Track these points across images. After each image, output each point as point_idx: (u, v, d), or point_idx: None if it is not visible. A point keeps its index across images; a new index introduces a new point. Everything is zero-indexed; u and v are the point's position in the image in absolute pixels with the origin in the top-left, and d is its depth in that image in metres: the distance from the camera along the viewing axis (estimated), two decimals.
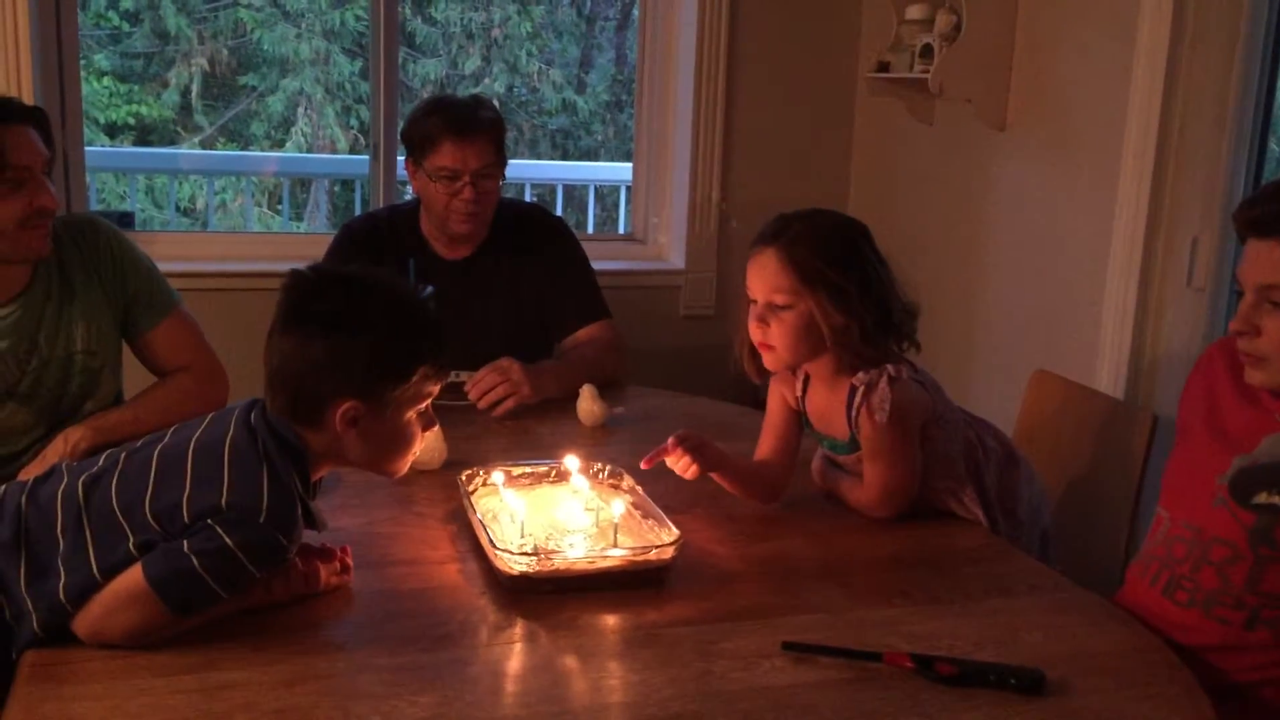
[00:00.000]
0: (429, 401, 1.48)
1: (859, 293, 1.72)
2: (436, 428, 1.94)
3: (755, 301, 1.78)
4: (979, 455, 1.86)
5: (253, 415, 1.41)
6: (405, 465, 1.51)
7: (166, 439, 1.44)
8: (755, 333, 1.78)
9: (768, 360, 1.80)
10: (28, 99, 2.69)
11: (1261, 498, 1.43)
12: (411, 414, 1.46)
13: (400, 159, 2.59)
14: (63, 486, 1.41)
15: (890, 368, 1.74)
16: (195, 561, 1.31)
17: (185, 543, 1.32)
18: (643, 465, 1.76)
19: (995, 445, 1.90)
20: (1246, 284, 1.51)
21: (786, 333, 1.75)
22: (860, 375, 1.76)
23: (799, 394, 1.88)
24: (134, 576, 1.31)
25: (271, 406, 1.41)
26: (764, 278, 1.76)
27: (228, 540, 1.32)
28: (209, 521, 1.32)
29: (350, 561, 1.52)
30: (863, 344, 1.74)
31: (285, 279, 1.43)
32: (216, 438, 1.39)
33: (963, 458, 1.84)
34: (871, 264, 1.76)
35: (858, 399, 1.76)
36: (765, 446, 1.91)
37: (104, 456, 1.45)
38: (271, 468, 1.36)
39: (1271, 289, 1.47)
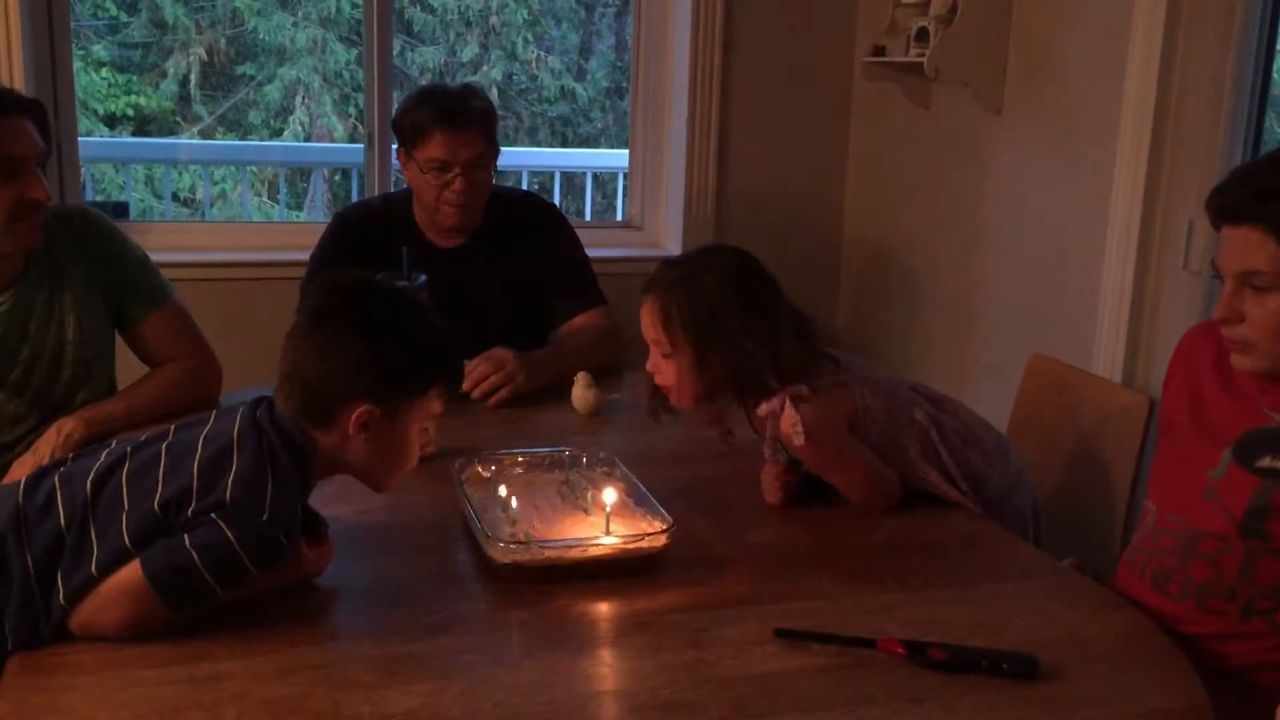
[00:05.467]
0: (430, 422, 1.52)
1: (725, 358, 1.72)
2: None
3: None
4: (931, 435, 1.82)
5: (258, 413, 1.41)
6: (398, 480, 1.53)
7: (171, 436, 1.44)
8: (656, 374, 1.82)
9: (670, 400, 1.83)
10: (20, 89, 2.68)
11: (1265, 462, 1.43)
12: (416, 429, 1.48)
13: (395, 147, 2.58)
14: (65, 483, 1.39)
15: (790, 389, 1.72)
16: (196, 557, 1.30)
17: (186, 537, 1.31)
18: None
19: (952, 423, 1.87)
20: (1225, 272, 1.49)
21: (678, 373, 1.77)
22: (764, 405, 1.74)
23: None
24: (132, 572, 1.30)
25: (284, 405, 1.42)
26: (646, 326, 1.79)
27: (229, 535, 1.31)
28: (212, 515, 1.32)
29: (330, 543, 1.52)
30: (747, 391, 1.75)
31: (319, 281, 1.50)
32: (223, 434, 1.39)
33: (914, 441, 1.81)
34: (741, 322, 1.73)
35: (771, 428, 1.75)
36: None
37: (105, 453, 1.44)
38: (276, 466, 1.36)
39: (1251, 275, 1.46)
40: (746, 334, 1.72)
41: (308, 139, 7.48)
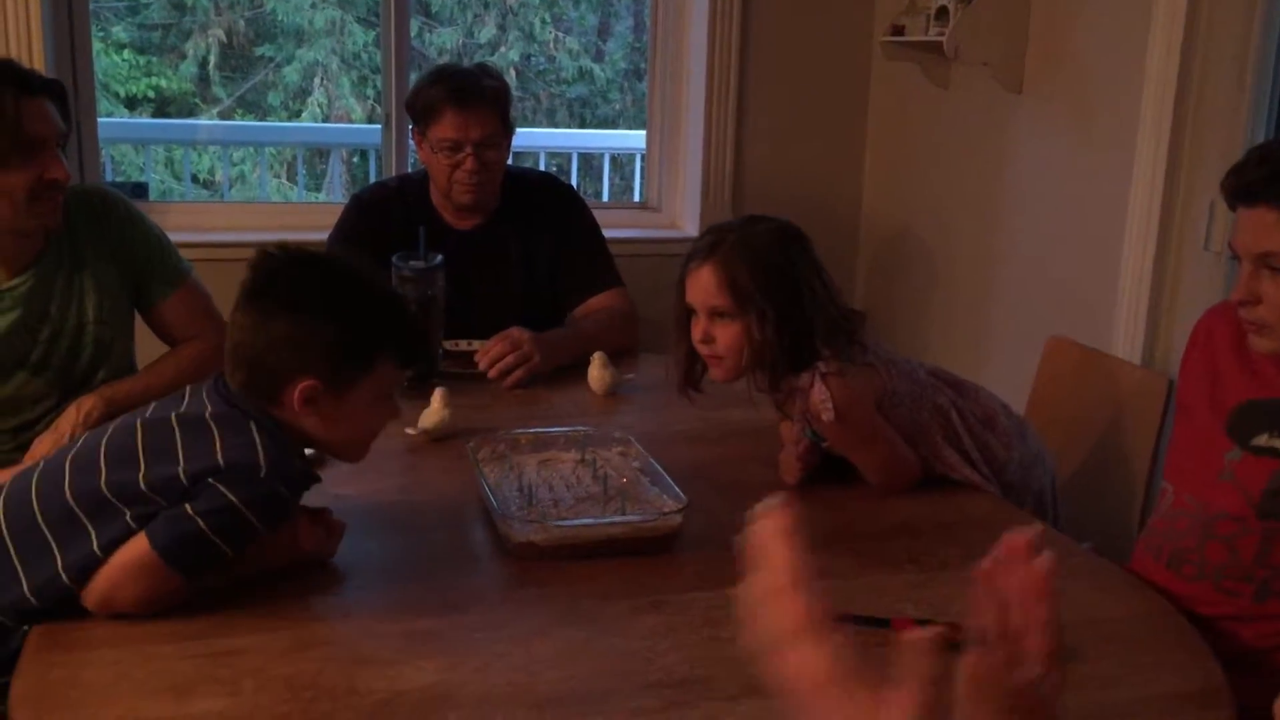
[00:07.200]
0: (393, 392, 1.48)
1: (785, 320, 1.72)
2: (444, 393, 1.95)
3: (697, 314, 1.78)
4: (953, 418, 1.83)
5: (219, 387, 1.42)
6: (363, 453, 1.50)
7: (148, 413, 1.44)
8: (701, 346, 1.79)
9: (716, 372, 1.81)
10: (40, 69, 2.68)
11: (1262, 440, 1.42)
12: (372, 401, 1.45)
13: (410, 127, 2.58)
14: (39, 473, 1.41)
15: (821, 364, 1.72)
16: (201, 523, 1.31)
17: (188, 506, 1.32)
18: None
19: (972, 408, 1.87)
20: (1242, 253, 1.49)
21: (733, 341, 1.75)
22: (792, 380, 1.75)
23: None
24: (139, 547, 1.31)
25: (231, 381, 1.41)
26: (704, 291, 1.76)
27: (232, 498, 1.32)
28: (210, 481, 1.32)
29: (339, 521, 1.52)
30: (786, 360, 1.74)
31: (252, 257, 1.43)
32: (197, 409, 1.40)
33: (937, 424, 1.81)
34: (804, 283, 1.75)
35: (799, 404, 1.75)
36: None
37: (81, 440, 1.45)
38: (260, 427, 1.37)
39: (1268, 256, 1.45)
40: (811, 294, 1.74)
41: (326, 120, 7.49)
